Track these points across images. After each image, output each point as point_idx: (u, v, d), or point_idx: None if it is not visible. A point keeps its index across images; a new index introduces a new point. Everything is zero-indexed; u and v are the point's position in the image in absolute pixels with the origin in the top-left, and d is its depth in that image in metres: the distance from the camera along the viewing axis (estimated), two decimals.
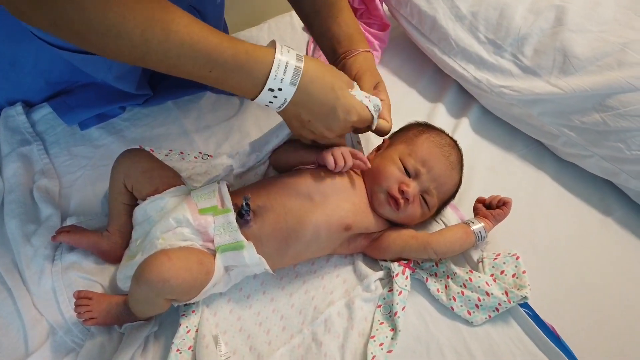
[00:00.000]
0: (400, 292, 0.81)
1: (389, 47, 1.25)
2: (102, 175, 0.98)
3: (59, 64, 0.96)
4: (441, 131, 0.93)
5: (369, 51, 0.92)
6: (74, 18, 0.60)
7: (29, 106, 1.06)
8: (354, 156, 0.85)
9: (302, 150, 0.89)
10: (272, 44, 0.72)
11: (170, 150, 0.99)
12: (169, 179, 0.85)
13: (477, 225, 0.85)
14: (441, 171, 0.86)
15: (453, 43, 1.08)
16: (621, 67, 0.91)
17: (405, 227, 0.88)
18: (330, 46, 0.94)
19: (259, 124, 1.09)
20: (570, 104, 0.95)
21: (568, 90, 0.94)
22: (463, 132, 1.06)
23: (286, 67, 0.70)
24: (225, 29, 1.07)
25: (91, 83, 1.04)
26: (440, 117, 1.09)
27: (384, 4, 1.21)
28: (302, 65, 0.71)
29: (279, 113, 0.77)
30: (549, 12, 1.01)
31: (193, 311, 0.80)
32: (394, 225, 0.88)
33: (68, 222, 0.89)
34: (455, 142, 0.92)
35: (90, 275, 0.84)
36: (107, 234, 0.85)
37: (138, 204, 0.83)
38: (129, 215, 0.85)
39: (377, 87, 0.88)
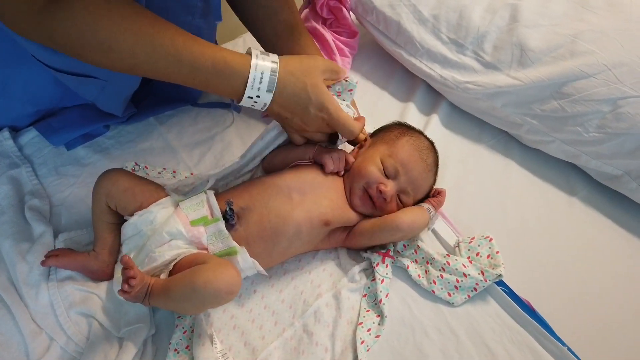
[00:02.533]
0: (383, 280, 0.86)
1: (359, 54, 1.30)
2: (91, 192, 1.02)
3: (48, 89, 0.99)
4: (420, 133, 0.97)
5: (315, 53, 0.98)
6: (69, 33, 0.66)
7: (15, 131, 1.09)
8: (346, 161, 0.91)
9: (298, 148, 0.92)
10: (249, 52, 0.78)
11: (164, 169, 1.03)
12: (153, 192, 0.86)
13: (427, 205, 0.91)
14: (418, 174, 0.91)
15: (418, 45, 1.14)
16: (573, 56, 0.98)
17: None
18: (262, 37, 1.01)
19: (240, 134, 1.13)
20: (530, 94, 1.01)
21: (527, 81, 1.00)
22: (434, 128, 1.11)
23: (262, 77, 0.76)
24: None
25: (74, 105, 1.08)
26: (412, 115, 1.15)
27: (351, 13, 1.27)
28: (277, 72, 0.77)
29: (267, 113, 0.83)
30: (504, 11, 1.08)
31: None
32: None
33: (61, 239, 0.92)
34: (432, 144, 0.97)
35: (86, 287, 0.87)
36: (94, 254, 0.86)
37: (126, 220, 0.85)
38: (115, 233, 0.87)
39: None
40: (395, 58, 1.23)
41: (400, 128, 0.97)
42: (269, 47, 1.02)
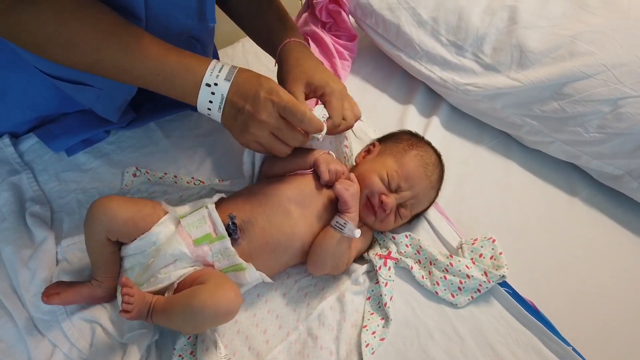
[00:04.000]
0: (386, 284, 0.86)
1: (358, 57, 1.31)
2: (92, 198, 1.00)
3: (48, 95, 0.99)
4: (429, 145, 0.97)
5: (295, 40, 0.94)
6: (35, 30, 0.69)
7: (15, 137, 1.08)
8: (342, 175, 0.88)
9: (298, 157, 0.90)
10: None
11: (165, 174, 1.03)
12: (152, 214, 0.82)
13: (333, 220, 0.85)
14: (421, 190, 0.90)
15: (417, 47, 1.15)
16: (573, 57, 0.98)
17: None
18: (254, 35, 1.04)
19: None
20: (530, 95, 1.02)
21: (527, 82, 1.01)
22: (434, 130, 1.12)
23: (222, 67, 0.78)
24: (214, 51, 1.12)
25: (74, 111, 1.08)
26: (412, 117, 1.15)
27: (350, 16, 1.27)
28: (236, 68, 0.79)
29: (222, 121, 0.81)
30: (502, 12, 1.08)
31: None
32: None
33: (64, 244, 0.91)
34: (440, 158, 0.96)
35: None
36: (97, 282, 0.82)
37: (125, 244, 0.82)
38: (115, 261, 0.83)
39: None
40: (395, 61, 1.24)
41: (410, 139, 0.96)
42: (238, 20, 1.05)
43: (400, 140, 0.96)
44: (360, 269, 0.89)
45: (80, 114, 1.08)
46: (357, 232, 0.83)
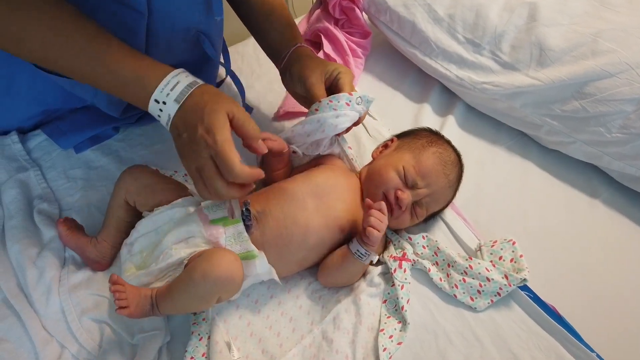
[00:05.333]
0: (402, 286, 0.83)
1: (372, 54, 1.28)
2: (101, 196, 0.99)
3: (52, 89, 0.97)
4: (449, 144, 0.94)
5: (303, 45, 0.96)
6: None
7: (23, 133, 1.07)
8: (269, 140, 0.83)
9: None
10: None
11: (175, 172, 1.01)
12: (174, 191, 0.86)
13: (353, 243, 0.83)
14: (438, 188, 0.88)
15: (433, 45, 1.12)
16: (595, 55, 0.96)
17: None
18: (271, 52, 1.02)
19: None
20: (550, 94, 0.99)
21: (547, 81, 0.98)
22: (450, 129, 1.09)
23: (175, 85, 0.70)
24: (224, 46, 1.10)
25: (82, 107, 1.06)
26: (427, 116, 1.13)
27: (364, 13, 1.25)
28: (192, 88, 0.71)
29: (170, 131, 0.75)
30: (522, 9, 1.06)
31: (203, 319, 0.81)
32: None
33: None
34: (459, 157, 0.93)
35: (98, 291, 0.85)
36: (95, 242, 0.87)
37: (143, 216, 0.84)
38: (122, 231, 0.87)
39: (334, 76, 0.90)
40: (409, 58, 1.21)
41: (430, 137, 0.94)
42: (248, 25, 1.04)
43: (419, 136, 0.94)
44: (375, 270, 0.87)
45: (88, 111, 1.06)
46: (375, 257, 0.84)
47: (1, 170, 0.99)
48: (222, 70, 1.18)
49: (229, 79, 1.13)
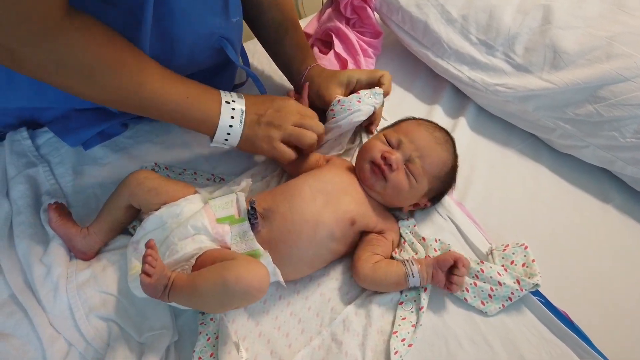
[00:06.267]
0: (426, 289, 0.83)
1: (383, 54, 1.27)
2: (109, 193, 0.98)
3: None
4: (431, 122, 0.96)
5: (317, 64, 1.05)
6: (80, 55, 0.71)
7: (34, 128, 1.06)
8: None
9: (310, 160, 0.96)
10: None
11: (184, 170, 1.01)
12: (179, 191, 0.87)
13: (409, 262, 0.83)
14: (424, 142, 0.88)
15: (446, 46, 1.11)
16: (610, 59, 0.95)
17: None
18: (281, 65, 1.10)
19: None
20: (564, 98, 0.98)
21: (561, 84, 0.97)
22: (461, 131, 1.09)
23: (229, 92, 0.88)
24: (242, 50, 1.11)
25: (88, 108, 1.05)
26: (439, 118, 1.12)
27: (375, 12, 1.24)
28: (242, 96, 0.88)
29: (240, 141, 0.88)
30: (536, 12, 1.05)
31: (211, 319, 0.81)
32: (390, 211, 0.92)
33: None
34: (443, 129, 0.94)
35: (106, 289, 0.84)
36: (85, 232, 0.87)
37: (151, 214, 0.83)
38: (115, 231, 0.89)
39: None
40: (421, 59, 1.20)
41: (409, 119, 0.98)
42: (264, 45, 1.11)
43: (401, 121, 0.98)
44: None
45: (96, 112, 1.05)
46: (417, 282, 0.82)
47: (10, 166, 0.98)
48: (240, 72, 1.18)
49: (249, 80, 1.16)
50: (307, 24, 1.35)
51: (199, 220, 0.79)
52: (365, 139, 1.03)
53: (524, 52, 1.03)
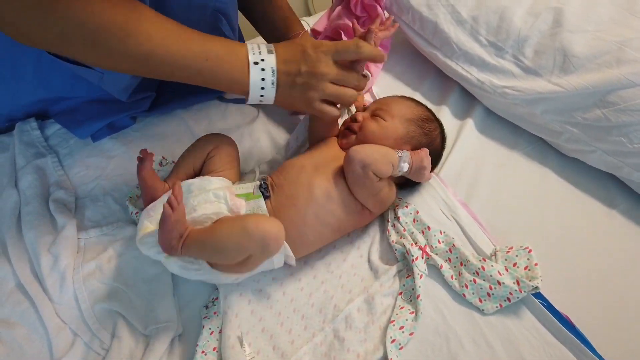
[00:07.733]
0: (421, 276, 0.84)
1: (392, 53, 1.27)
2: (117, 185, 1.00)
3: (58, 73, 0.96)
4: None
5: (306, 31, 1.05)
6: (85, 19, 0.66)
7: (42, 119, 1.07)
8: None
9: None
10: None
11: None
12: (234, 174, 0.93)
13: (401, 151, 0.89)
14: (388, 99, 0.99)
15: (455, 47, 1.11)
16: (620, 64, 0.94)
17: None
18: (268, 30, 1.07)
19: (268, 131, 1.11)
20: (573, 102, 0.98)
21: (569, 88, 0.97)
22: (468, 132, 1.09)
23: (258, 45, 0.80)
24: (240, 34, 1.10)
25: (95, 100, 1.05)
26: (446, 119, 1.11)
27: (385, 12, 1.24)
28: (270, 44, 0.81)
29: (276, 99, 0.82)
30: (547, 14, 1.04)
31: (215, 313, 0.82)
32: None
33: (91, 234, 0.92)
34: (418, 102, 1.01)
35: (112, 280, 0.85)
36: (167, 187, 0.88)
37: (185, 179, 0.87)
38: (189, 175, 0.91)
39: None
40: (430, 59, 1.20)
41: None
42: (245, 10, 1.09)
43: None
44: (391, 270, 0.87)
45: (103, 103, 1.06)
46: (406, 167, 0.87)
47: (19, 156, 0.99)
48: None
49: None
50: (317, 21, 1.35)
51: (220, 190, 0.83)
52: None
53: (533, 55, 1.03)
